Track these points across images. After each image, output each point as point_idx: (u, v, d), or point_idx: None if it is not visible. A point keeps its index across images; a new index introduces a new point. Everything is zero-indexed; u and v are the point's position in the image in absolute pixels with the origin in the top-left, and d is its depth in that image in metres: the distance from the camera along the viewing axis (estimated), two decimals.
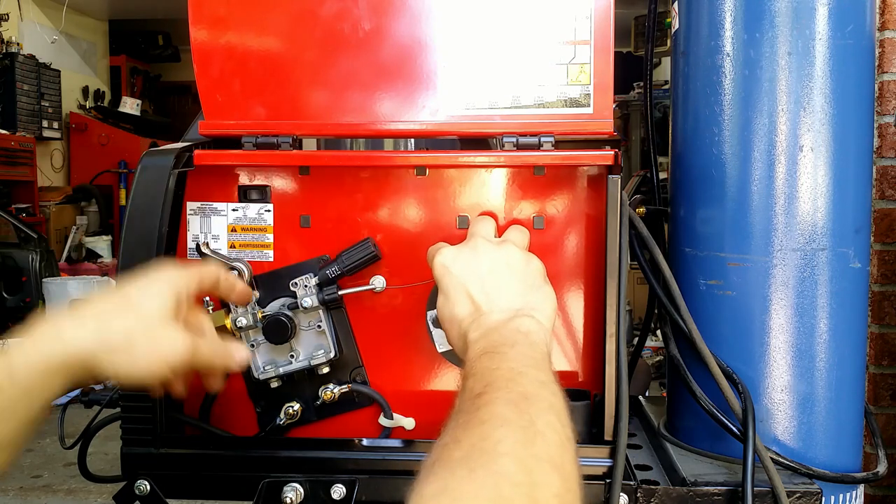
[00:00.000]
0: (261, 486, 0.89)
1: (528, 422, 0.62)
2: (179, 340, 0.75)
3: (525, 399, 0.64)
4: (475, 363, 0.71)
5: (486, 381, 0.67)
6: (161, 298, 0.75)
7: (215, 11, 0.91)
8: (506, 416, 0.62)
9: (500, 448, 0.58)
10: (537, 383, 0.67)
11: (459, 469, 0.56)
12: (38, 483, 3.09)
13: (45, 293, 4.24)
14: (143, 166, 0.90)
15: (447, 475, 0.55)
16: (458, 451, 0.58)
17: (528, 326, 0.77)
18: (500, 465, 0.56)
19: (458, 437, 0.59)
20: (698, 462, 0.96)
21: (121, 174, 6.61)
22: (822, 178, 0.93)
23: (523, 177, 0.94)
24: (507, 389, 0.65)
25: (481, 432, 0.60)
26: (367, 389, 0.96)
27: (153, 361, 0.74)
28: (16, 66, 5.75)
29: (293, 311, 0.93)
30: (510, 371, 0.68)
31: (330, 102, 0.92)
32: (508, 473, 0.56)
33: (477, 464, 0.56)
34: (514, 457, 0.57)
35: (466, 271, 0.82)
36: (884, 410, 1.91)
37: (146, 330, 0.73)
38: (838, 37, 0.92)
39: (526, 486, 0.55)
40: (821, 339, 0.94)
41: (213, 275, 0.84)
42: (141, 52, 8.02)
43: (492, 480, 0.55)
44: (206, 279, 0.82)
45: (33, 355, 0.69)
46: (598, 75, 0.89)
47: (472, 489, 0.54)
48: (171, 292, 0.76)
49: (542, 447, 0.60)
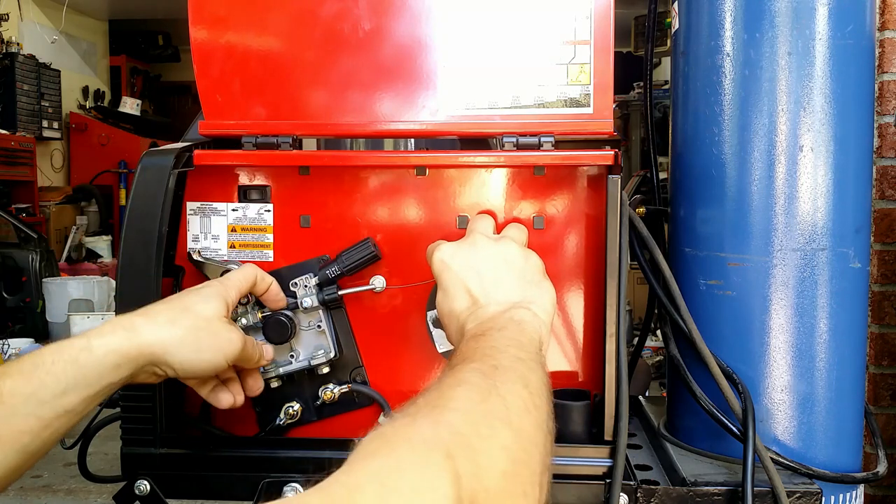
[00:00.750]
0: (261, 486, 0.89)
1: (490, 385, 0.62)
2: (235, 335, 0.84)
3: (494, 369, 0.65)
4: (462, 346, 0.73)
5: (465, 356, 0.69)
6: (216, 301, 0.84)
7: (215, 11, 0.91)
8: (467, 379, 0.63)
9: (451, 404, 0.59)
10: (514, 359, 0.68)
11: (402, 419, 0.57)
12: (38, 483, 3.09)
13: (45, 293, 4.24)
14: (143, 166, 0.90)
15: (388, 424, 0.56)
16: (412, 408, 0.59)
17: (521, 316, 0.77)
18: (445, 416, 0.57)
19: (416, 400, 0.61)
20: (698, 462, 0.96)
21: (121, 174, 6.61)
22: (822, 178, 0.93)
23: (523, 177, 0.94)
24: (480, 362, 0.67)
25: (439, 393, 0.61)
26: (367, 389, 0.96)
27: (215, 354, 0.83)
28: (16, 66, 5.74)
29: (293, 311, 0.93)
30: (490, 349, 0.69)
31: (330, 102, 0.92)
32: (451, 422, 0.56)
33: (421, 415, 0.57)
34: (463, 411, 0.58)
35: (465, 267, 0.82)
36: (884, 410, 1.91)
37: (208, 327, 0.82)
38: (838, 37, 0.92)
39: (468, 435, 0.55)
40: (821, 339, 0.94)
41: (251, 277, 0.90)
42: (141, 52, 8.02)
43: (432, 427, 0.55)
44: (244, 283, 0.89)
45: (111, 340, 0.77)
46: (598, 75, 0.89)
47: (407, 432, 0.54)
48: (221, 297, 0.85)
49: (496, 405, 0.60)
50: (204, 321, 0.82)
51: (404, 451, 0.52)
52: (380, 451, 0.52)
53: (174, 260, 0.96)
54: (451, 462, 0.51)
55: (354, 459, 0.51)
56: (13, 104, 5.73)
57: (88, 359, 0.76)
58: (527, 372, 0.67)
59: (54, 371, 0.75)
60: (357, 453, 0.52)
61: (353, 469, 0.50)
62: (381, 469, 0.50)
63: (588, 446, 0.89)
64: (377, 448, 0.52)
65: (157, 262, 0.88)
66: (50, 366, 0.75)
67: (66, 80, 6.52)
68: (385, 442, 0.53)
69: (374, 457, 0.51)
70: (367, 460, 0.51)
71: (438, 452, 0.52)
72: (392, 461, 0.50)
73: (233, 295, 0.87)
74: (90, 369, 0.76)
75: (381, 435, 0.54)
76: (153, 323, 0.80)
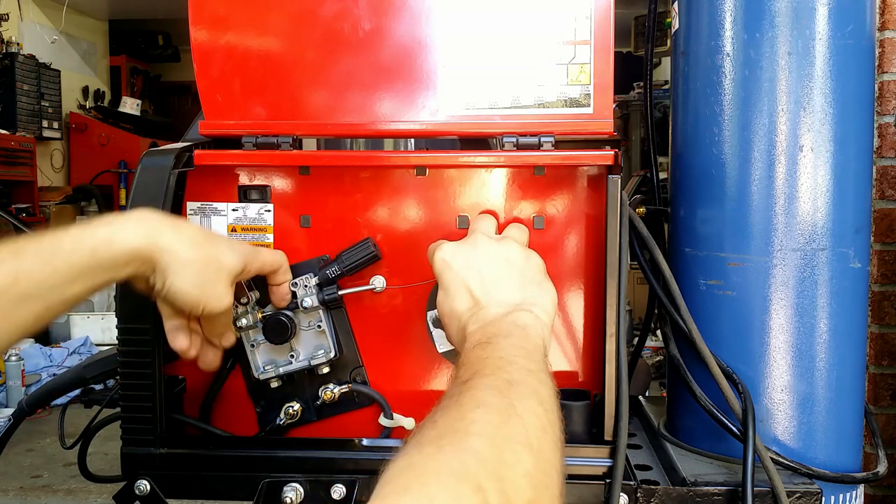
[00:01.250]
0: (261, 486, 0.89)
1: (508, 405, 0.62)
2: (227, 298, 0.84)
3: (509, 385, 0.65)
4: (468, 353, 0.72)
5: (475, 369, 0.68)
6: (239, 259, 0.85)
7: (215, 11, 0.91)
8: (485, 399, 0.62)
9: (472, 428, 0.58)
10: (524, 371, 0.68)
11: (428, 446, 0.56)
12: (38, 483, 3.09)
13: None
14: (143, 166, 0.90)
15: (415, 452, 0.56)
16: (433, 430, 0.58)
17: (525, 320, 0.77)
18: (469, 443, 0.57)
19: (434, 420, 0.60)
20: (698, 462, 0.96)
21: (121, 174, 6.61)
22: (822, 178, 0.93)
23: (523, 177, 0.94)
24: (493, 376, 0.66)
25: (458, 414, 0.60)
26: (367, 389, 0.96)
27: (202, 297, 0.82)
28: (16, 66, 5.75)
29: (293, 311, 0.93)
30: (499, 360, 0.69)
31: (330, 102, 0.92)
32: (476, 450, 0.56)
33: (446, 441, 0.57)
34: (486, 436, 0.58)
35: (466, 266, 0.82)
36: (884, 410, 1.91)
37: (216, 272, 0.83)
38: (838, 37, 0.92)
39: (493, 463, 0.55)
40: (821, 339, 0.94)
41: (279, 262, 0.91)
42: (141, 52, 8.02)
43: (458, 456, 0.55)
44: (271, 264, 0.90)
45: (132, 238, 0.78)
46: (598, 75, 0.89)
47: (437, 464, 0.54)
48: (244, 260, 0.86)
49: (517, 428, 0.60)
50: (216, 265, 0.82)
51: (435, 487, 0.52)
52: (411, 487, 0.52)
53: None
54: (481, 496, 0.52)
55: (387, 494, 0.51)
56: (13, 104, 5.73)
57: (106, 253, 0.76)
58: (538, 385, 0.67)
59: (70, 260, 0.75)
60: (388, 485, 0.52)
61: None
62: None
63: (588, 446, 0.89)
64: (408, 483, 0.52)
65: None
66: (68, 254, 0.75)
67: (66, 80, 6.52)
68: (415, 476, 0.53)
69: (407, 492, 0.51)
70: (399, 496, 0.51)
71: (468, 485, 0.52)
72: (425, 499, 0.50)
73: (255, 266, 0.87)
74: (104, 262, 0.76)
75: (410, 467, 0.54)
76: (177, 236, 0.80)
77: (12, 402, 2.92)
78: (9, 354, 3.06)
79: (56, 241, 0.76)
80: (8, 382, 2.96)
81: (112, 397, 1.00)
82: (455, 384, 0.67)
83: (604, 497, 0.86)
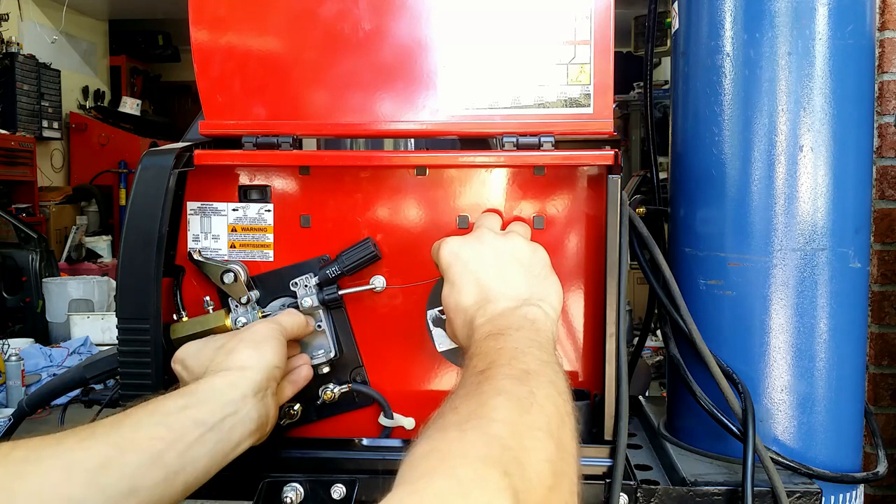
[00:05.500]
0: (261, 486, 0.89)
1: (528, 392, 0.63)
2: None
3: (527, 374, 0.65)
4: (480, 344, 0.73)
5: (490, 359, 0.68)
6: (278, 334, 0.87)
7: (215, 11, 0.91)
8: (505, 387, 0.63)
9: (494, 414, 0.59)
10: (540, 362, 0.69)
11: (452, 430, 0.57)
12: None
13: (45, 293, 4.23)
14: (144, 166, 0.90)
15: (439, 436, 0.56)
16: (455, 416, 0.59)
17: (534, 314, 0.78)
18: (492, 428, 0.57)
19: (456, 406, 0.61)
20: (698, 462, 0.96)
21: (121, 174, 6.60)
22: (822, 178, 0.93)
23: (523, 177, 0.94)
24: (509, 366, 0.67)
25: (479, 401, 0.61)
26: (367, 389, 0.96)
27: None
28: (16, 66, 5.73)
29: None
30: (514, 350, 0.69)
31: (330, 102, 0.92)
32: (500, 436, 0.56)
33: (469, 426, 0.57)
34: (508, 422, 0.58)
35: (473, 260, 0.83)
36: (884, 410, 1.91)
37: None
38: (838, 37, 0.92)
39: (516, 449, 0.56)
40: (821, 339, 0.94)
41: (302, 325, 0.92)
42: (141, 52, 8.01)
43: (482, 441, 0.55)
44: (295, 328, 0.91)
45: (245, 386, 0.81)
46: (598, 75, 0.89)
47: (461, 448, 0.54)
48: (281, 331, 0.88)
49: (538, 416, 0.61)
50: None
51: (463, 470, 0.52)
52: (439, 470, 0.52)
53: (174, 260, 0.96)
54: (508, 479, 0.52)
55: (414, 478, 0.51)
56: (13, 104, 5.72)
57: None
58: (554, 376, 0.68)
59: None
60: (414, 469, 0.52)
61: (418, 489, 0.50)
62: (445, 490, 0.50)
63: (588, 446, 0.89)
64: (435, 466, 0.52)
65: (157, 262, 0.88)
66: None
67: (66, 80, 6.51)
68: (441, 459, 0.53)
69: (435, 475, 0.51)
70: (427, 479, 0.51)
71: (496, 470, 0.52)
72: (454, 482, 0.51)
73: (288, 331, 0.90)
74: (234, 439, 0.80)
75: (435, 451, 0.54)
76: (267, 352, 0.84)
77: (12, 402, 2.92)
78: (9, 354, 3.05)
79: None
80: (8, 382, 2.96)
81: (112, 397, 1.00)
82: (471, 373, 0.67)
83: (604, 497, 0.86)
